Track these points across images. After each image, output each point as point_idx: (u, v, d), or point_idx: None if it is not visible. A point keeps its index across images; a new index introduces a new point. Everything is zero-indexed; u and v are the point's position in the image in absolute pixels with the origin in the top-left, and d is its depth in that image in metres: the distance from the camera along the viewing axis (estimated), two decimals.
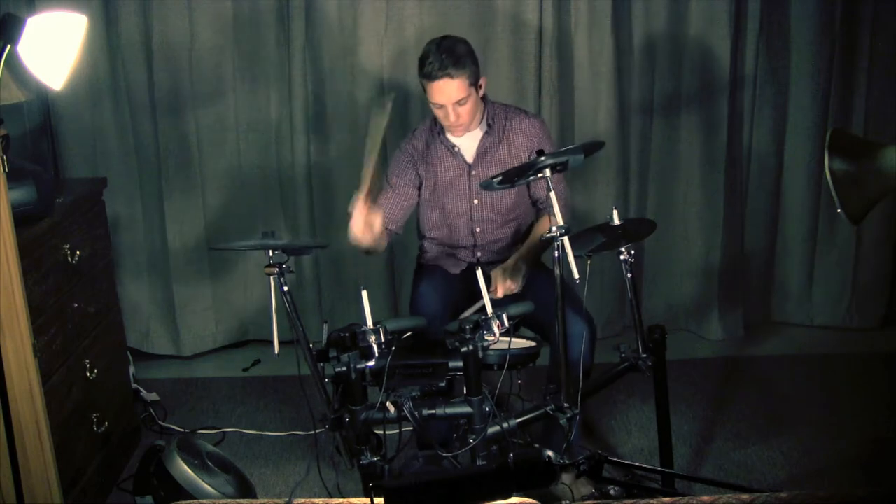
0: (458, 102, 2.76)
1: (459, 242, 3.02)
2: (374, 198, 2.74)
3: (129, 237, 3.88)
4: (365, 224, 2.71)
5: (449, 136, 2.93)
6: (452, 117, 2.79)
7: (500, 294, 2.77)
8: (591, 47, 3.66)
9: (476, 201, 2.95)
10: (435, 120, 2.94)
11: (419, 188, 2.98)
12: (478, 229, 2.98)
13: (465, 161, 2.94)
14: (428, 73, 2.74)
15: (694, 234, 3.92)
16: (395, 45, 3.66)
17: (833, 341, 3.91)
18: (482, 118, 2.91)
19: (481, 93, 2.86)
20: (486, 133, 2.92)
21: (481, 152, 2.93)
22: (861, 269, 3.95)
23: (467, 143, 2.93)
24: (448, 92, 2.74)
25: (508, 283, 2.80)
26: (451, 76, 2.72)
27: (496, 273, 2.83)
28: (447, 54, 2.72)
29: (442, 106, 2.78)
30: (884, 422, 3.20)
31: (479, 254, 3.02)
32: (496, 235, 3.00)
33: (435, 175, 2.96)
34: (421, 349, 2.51)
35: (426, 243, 3.11)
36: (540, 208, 3.00)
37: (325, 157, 3.80)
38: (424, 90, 2.81)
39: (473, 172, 2.93)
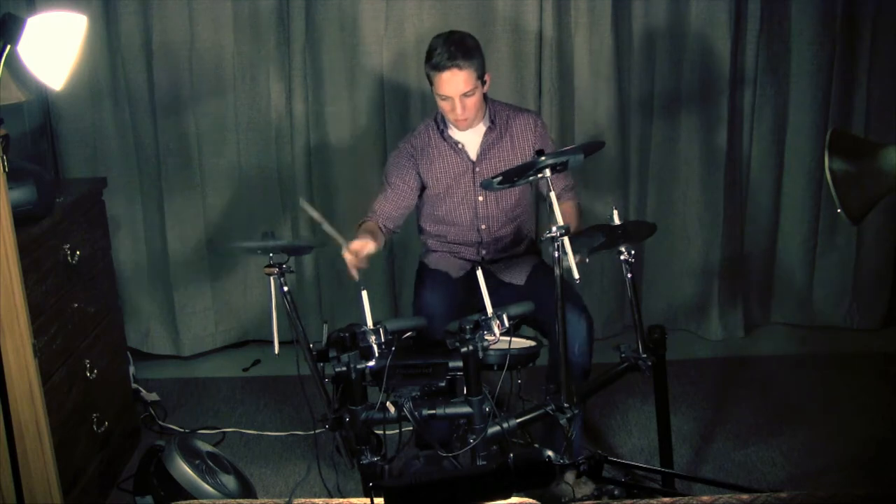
0: (465, 94, 2.78)
1: (464, 240, 3.02)
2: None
3: (129, 237, 3.88)
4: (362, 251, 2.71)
5: (452, 133, 2.94)
6: (458, 110, 2.80)
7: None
8: (590, 47, 3.66)
9: (481, 198, 2.95)
10: (437, 118, 2.95)
11: (418, 188, 2.98)
12: (483, 226, 2.98)
13: (468, 158, 2.94)
14: (436, 63, 2.75)
15: (694, 234, 3.92)
16: (395, 45, 3.66)
17: (833, 341, 3.91)
18: (484, 115, 2.92)
19: (486, 88, 2.87)
20: (489, 129, 2.92)
21: (485, 149, 2.93)
22: (861, 270, 3.95)
23: (471, 139, 2.94)
24: (455, 83, 2.75)
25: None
26: (459, 67, 2.74)
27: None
28: (456, 46, 2.75)
29: (448, 98, 2.79)
30: (884, 422, 3.20)
31: (483, 252, 3.02)
32: (501, 233, 3.00)
33: (438, 173, 2.95)
34: (421, 349, 2.51)
35: (430, 241, 3.10)
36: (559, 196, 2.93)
37: (325, 157, 3.80)
38: (431, 82, 2.82)
39: (477, 169, 2.93)
